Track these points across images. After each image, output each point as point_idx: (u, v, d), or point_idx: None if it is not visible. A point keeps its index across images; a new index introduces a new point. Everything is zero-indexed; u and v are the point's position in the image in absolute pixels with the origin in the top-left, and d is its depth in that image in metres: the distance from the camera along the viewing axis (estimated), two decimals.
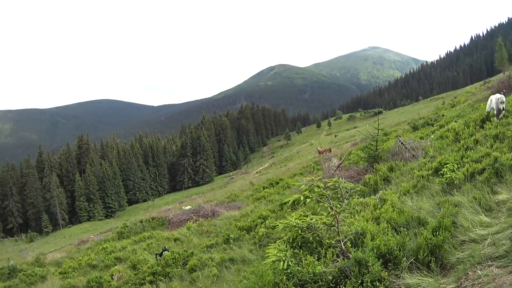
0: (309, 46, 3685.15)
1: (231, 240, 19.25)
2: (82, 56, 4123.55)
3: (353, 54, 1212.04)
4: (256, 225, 19.82)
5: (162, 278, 17.61)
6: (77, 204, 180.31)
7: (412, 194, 13.08)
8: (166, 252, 20.77)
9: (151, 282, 17.68)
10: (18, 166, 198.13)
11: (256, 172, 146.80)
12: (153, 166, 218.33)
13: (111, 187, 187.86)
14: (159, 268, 18.25)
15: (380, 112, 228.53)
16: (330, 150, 65.62)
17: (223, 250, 18.47)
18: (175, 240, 26.85)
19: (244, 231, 19.90)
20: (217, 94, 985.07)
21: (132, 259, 23.65)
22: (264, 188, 41.31)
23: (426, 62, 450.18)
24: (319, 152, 70.20)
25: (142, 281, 18.08)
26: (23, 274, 32.30)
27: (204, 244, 20.72)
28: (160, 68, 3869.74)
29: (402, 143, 19.73)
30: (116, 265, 25.52)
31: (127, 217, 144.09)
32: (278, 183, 41.92)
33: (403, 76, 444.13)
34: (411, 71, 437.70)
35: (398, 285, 8.07)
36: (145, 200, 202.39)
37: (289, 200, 10.95)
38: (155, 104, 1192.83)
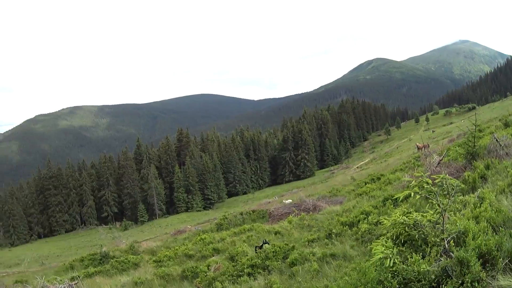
0: (403, 39, 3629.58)
1: (333, 235, 18.89)
2: (180, 51, 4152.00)
3: (445, 48, 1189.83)
4: (359, 221, 19.32)
5: (260, 271, 17.49)
6: (176, 195, 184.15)
7: (507, 193, 12.82)
8: (266, 245, 20.69)
9: (249, 274, 17.49)
10: (115, 158, 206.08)
11: (357, 167, 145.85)
12: (254, 159, 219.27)
13: (211, 179, 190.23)
14: (259, 260, 18.10)
15: (474, 108, 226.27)
16: (428, 146, 65.63)
17: (325, 245, 18.15)
18: (276, 233, 26.84)
19: (346, 226, 19.50)
20: (318, 88, 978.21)
21: (230, 250, 23.65)
22: (365, 184, 40.51)
23: (511, 56, 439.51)
24: (418, 148, 72.22)
25: (240, 273, 17.88)
26: (116, 260, 32.64)
27: (306, 238, 20.37)
28: (260, 63, 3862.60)
29: (496, 140, 19.56)
30: (213, 256, 25.74)
31: (225, 209, 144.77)
32: (380, 178, 41.05)
33: (492, 71, 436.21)
34: (499, 65, 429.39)
35: (493, 286, 7.92)
36: (245, 193, 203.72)
37: (399, 196, 10.96)
38: (256, 99, 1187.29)
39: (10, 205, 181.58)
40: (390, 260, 8.99)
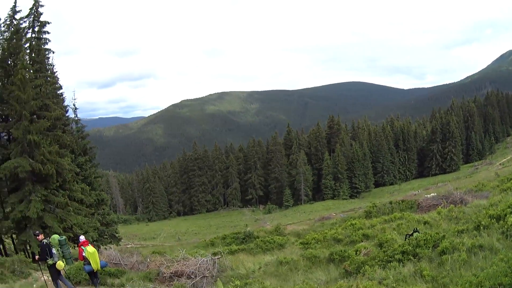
0: None
1: (481, 227, 18.64)
2: (331, 38, 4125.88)
3: None
4: (505, 215, 18.72)
5: (411, 258, 17.54)
6: (323, 182, 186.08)
7: None
8: (416, 233, 20.80)
9: (399, 261, 17.58)
10: (264, 142, 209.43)
11: (500, 164, 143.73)
12: (403, 150, 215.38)
13: (359, 168, 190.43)
14: (410, 247, 18.12)
15: None
16: None
17: (473, 237, 18.07)
18: (425, 223, 26.78)
19: (494, 219, 19.05)
20: (464, 79, 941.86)
21: (380, 237, 23.86)
22: (509, 180, 40.60)
23: None
24: None
25: (390, 258, 18.01)
26: (261, 240, 33.98)
27: (455, 229, 20.30)
28: (408, 51, 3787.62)
29: None
30: (362, 241, 26.03)
31: (371, 199, 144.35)
32: None
33: None
34: None
35: None
36: (391, 184, 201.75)
37: None
38: (405, 88, 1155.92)
39: (152, 183, 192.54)
40: None
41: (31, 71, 41.69)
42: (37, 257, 21.33)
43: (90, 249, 20.84)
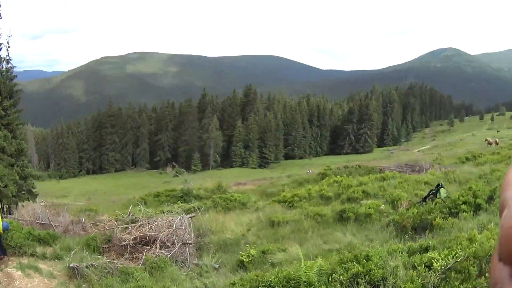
0: (479, 32, 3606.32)
1: None
2: (252, 9, 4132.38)
3: None
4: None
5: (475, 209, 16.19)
6: (233, 149, 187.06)
7: None
8: (442, 189, 18.93)
9: (464, 212, 15.75)
10: (178, 105, 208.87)
11: (418, 151, 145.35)
12: (317, 126, 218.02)
13: (271, 138, 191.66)
14: (470, 198, 16.26)
15: None
16: (496, 143, 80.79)
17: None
18: (425, 183, 25.43)
19: None
20: (385, 68, 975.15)
21: (388, 195, 22.21)
22: (482, 156, 43.86)
23: None
24: (489, 143, 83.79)
25: (453, 210, 16.20)
26: (219, 197, 31.87)
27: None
28: (336, 33, 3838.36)
29: None
30: (363, 199, 23.74)
31: (281, 170, 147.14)
32: (480, 156, 43.88)
33: None
34: None
35: None
36: (301, 157, 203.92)
37: None
38: (324, 68, 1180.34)
39: (65, 138, 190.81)
40: None
41: None
42: None
43: None
